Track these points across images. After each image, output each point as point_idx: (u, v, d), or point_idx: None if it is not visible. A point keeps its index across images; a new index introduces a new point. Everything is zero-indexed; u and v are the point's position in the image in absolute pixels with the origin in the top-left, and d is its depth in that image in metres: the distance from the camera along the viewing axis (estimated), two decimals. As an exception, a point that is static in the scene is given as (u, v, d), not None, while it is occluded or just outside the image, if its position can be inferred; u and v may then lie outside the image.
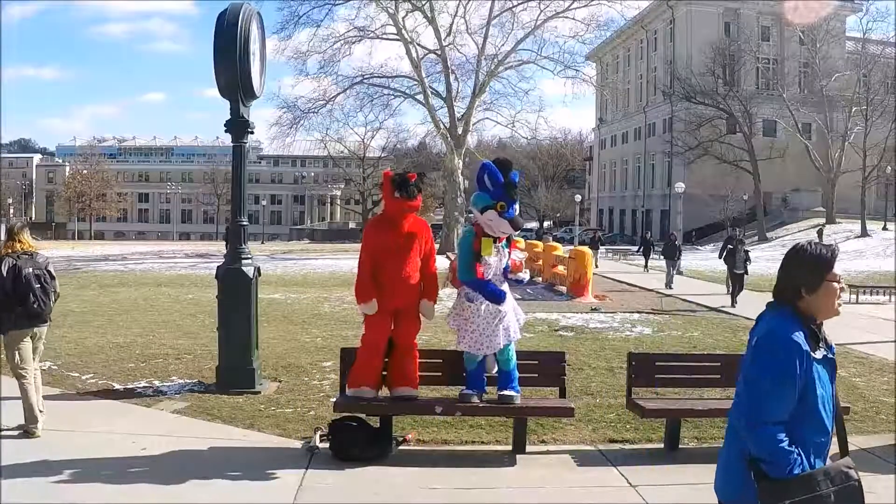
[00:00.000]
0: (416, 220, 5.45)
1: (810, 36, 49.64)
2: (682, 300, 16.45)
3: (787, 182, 51.91)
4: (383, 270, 5.30)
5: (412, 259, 5.35)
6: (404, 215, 5.35)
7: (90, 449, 5.20)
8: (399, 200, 5.29)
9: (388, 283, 5.28)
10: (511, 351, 5.37)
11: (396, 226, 5.35)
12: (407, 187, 5.26)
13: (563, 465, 5.32)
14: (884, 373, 8.53)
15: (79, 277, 20.28)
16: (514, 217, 5.18)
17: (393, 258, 5.30)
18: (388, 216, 5.45)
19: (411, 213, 5.40)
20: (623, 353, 7.34)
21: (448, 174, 35.66)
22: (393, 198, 5.30)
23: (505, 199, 5.14)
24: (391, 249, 5.31)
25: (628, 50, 66.57)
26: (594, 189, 76.61)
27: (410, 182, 5.29)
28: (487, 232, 5.23)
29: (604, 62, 64.54)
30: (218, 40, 6.71)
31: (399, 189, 5.26)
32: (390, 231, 5.34)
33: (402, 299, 5.31)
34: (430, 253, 5.51)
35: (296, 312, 12.89)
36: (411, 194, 5.29)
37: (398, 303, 5.31)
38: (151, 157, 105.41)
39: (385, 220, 5.49)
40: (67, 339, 9.46)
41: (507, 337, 5.28)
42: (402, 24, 33.69)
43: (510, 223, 5.15)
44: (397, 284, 5.28)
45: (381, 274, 5.31)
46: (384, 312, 5.31)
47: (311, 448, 5.31)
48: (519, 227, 5.30)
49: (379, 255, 5.34)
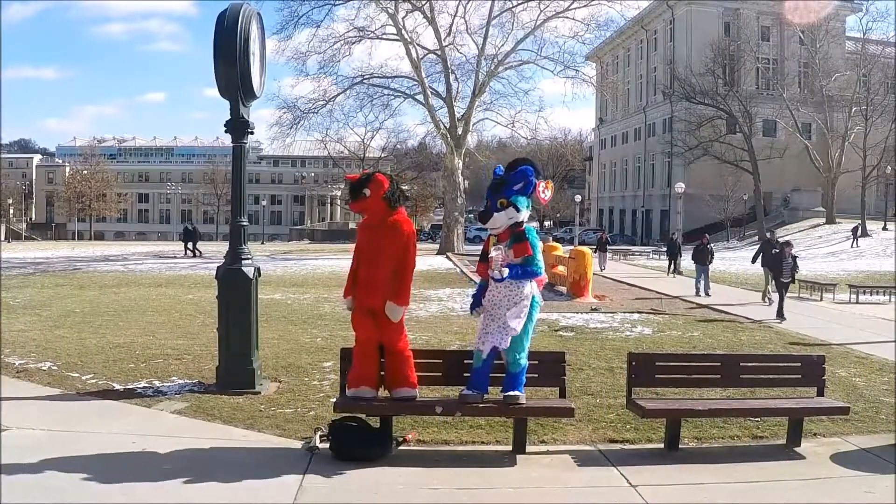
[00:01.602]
0: (392, 221, 5.43)
1: (810, 36, 49.71)
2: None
3: (787, 182, 51.96)
4: (359, 270, 5.48)
5: (383, 261, 5.37)
6: (378, 217, 5.44)
7: (90, 449, 5.20)
8: (351, 204, 5.61)
9: (362, 283, 5.42)
10: (516, 354, 5.33)
11: (371, 227, 5.47)
12: (350, 193, 5.54)
13: (563, 465, 5.32)
14: (884, 373, 8.53)
15: (79, 278, 20.26)
16: (483, 211, 5.40)
17: (365, 258, 5.45)
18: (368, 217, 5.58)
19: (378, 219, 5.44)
20: (623, 353, 7.35)
21: (448, 174, 35.63)
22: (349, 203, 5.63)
23: (489, 195, 5.39)
24: (364, 250, 5.48)
25: (628, 50, 66.61)
26: (594, 189, 76.65)
27: (351, 186, 5.52)
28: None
29: (604, 62, 64.57)
30: (218, 40, 6.71)
31: (349, 194, 5.58)
32: (365, 232, 5.52)
33: (374, 300, 5.37)
34: (406, 254, 5.44)
35: (296, 313, 12.89)
36: (353, 198, 5.50)
37: (371, 302, 5.38)
38: (151, 157, 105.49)
39: (366, 221, 5.61)
40: (67, 339, 9.46)
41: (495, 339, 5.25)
42: (401, 25, 33.67)
43: (479, 215, 5.41)
44: (369, 284, 5.38)
45: (358, 274, 5.48)
46: (363, 311, 5.42)
47: (311, 448, 5.31)
48: (484, 219, 5.39)
49: (358, 254, 5.53)
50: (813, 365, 6.11)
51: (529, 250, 5.23)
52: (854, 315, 14.51)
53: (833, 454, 5.65)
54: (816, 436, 6.10)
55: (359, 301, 5.44)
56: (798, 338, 11.20)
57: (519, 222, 5.35)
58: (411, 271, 5.52)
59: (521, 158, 5.56)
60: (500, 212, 5.28)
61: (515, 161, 5.49)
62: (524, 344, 5.37)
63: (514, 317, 5.24)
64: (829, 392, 6.50)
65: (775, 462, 5.46)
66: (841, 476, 5.21)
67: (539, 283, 5.55)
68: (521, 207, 5.31)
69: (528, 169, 5.35)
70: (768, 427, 6.18)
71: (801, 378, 6.16)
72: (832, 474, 5.25)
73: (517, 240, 5.27)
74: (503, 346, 5.27)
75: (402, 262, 5.41)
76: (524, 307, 5.32)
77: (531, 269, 5.27)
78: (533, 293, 5.41)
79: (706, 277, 18.12)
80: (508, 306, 5.26)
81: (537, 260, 5.30)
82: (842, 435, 6.14)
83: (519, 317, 5.26)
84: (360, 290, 5.42)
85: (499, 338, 5.23)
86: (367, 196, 5.39)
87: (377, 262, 5.38)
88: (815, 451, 5.72)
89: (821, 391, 6.13)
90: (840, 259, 32.69)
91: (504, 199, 5.26)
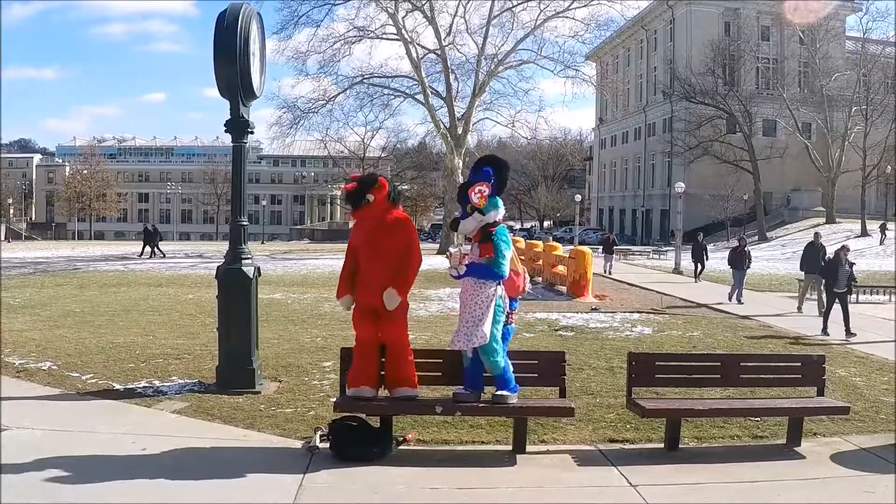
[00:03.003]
0: (394, 219, 5.46)
1: (810, 35, 49.68)
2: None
3: (787, 182, 51.98)
4: (359, 269, 5.44)
5: (385, 258, 5.37)
6: (375, 216, 5.42)
7: (90, 449, 5.20)
8: (350, 212, 5.58)
9: (364, 282, 5.39)
10: (489, 357, 5.27)
11: (370, 225, 5.43)
12: (350, 201, 5.49)
13: (563, 465, 5.32)
14: (884, 373, 8.53)
15: (79, 277, 20.27)
16: (453, 220, 5.47)
17: (366, 257, 5.41)
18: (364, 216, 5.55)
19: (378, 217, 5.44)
20: (623, 353, 7.34)
21: (448, 174, 35.64)
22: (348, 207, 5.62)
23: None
24: (364, 248, 5.43)
25: (628, 50, 66.60)
26: (594, 189, 76.65)
27: (350, 195, 5.46)
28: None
29: (604, 62, 64.56)
30: (218, 40, 6.71)
31: (346, 201, 5.57)
32: (363, 230, 5.44)
33: (377, 298, 5.34)
34: (410, 252, 5.46)
35: (296, 312, 12.89)
36: (353, 205, 5.48)
37: (374, 301, 5.36)
38: (151, 157, 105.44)
39: (362, 219, 5.55)
40: (67, 339, 9.46)
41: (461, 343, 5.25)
42: (401, 24, 33.66)
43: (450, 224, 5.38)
44: (371, 283, 5.35)
45: (358, 272, 5.45)
46: (364, 310, 5.41)
47: (311, 448, 5.31)
48: (453, 227, 5.49)
49: (356, 253, 5.48)
50: (813, 365, 6.11)
51: (492, 252, 5.21)
52: (854, 315, 14.47)
53: (833, 454, 5.65)
54: (816, 435, 6.10)
55: (360, 300, 5.43)
56: (798, 338, 11.21)
57: (492, 223, 5.32)
58: (416, 267, 5.51)
59: (485, 157, 5.56)
60: (466, 218, 5.32)
61: (480, 161, 5.50)
62: (493, 346, 5.26)
63: (477, 323, 5.19)
64: (829, 392, 6.50)
65: (775, 462, 5.46)
66: (841, 476, 5.21)
67: (513, 288, 5.54)
68: (486, 210, 5.27)
69: (487, 170, 5.35)
70: (768, 427, 6.18)
71: (802, 378, 6.16)
72: (832, 474, 5.24)
73: (483, 240, 5.28)
74: (468, 350, 5.31)
75: (405, 259, 5.41)
76: (487, 310, 5.23)
77: (493, 269, 5.23)
78: (499, 294, 5.35)
79: (741, 284, 16.63)
80: (471, 308, 5.24)
81: (500, 262, 5.23)
82: (842, 434, 6.14)
83: (482, 321, 5.19)
84: (362, 289, 5.41)
85: (465, 342, 5.24)
86: (370, 202, 5.38)
87: (378, 260, 5.37)
88: (815, 450, 5.72)
89: (821, 391, 6.13)
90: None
91: (469, 205, 5.28)
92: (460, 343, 5.25)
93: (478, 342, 5.19)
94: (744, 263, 17.00)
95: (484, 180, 5.30)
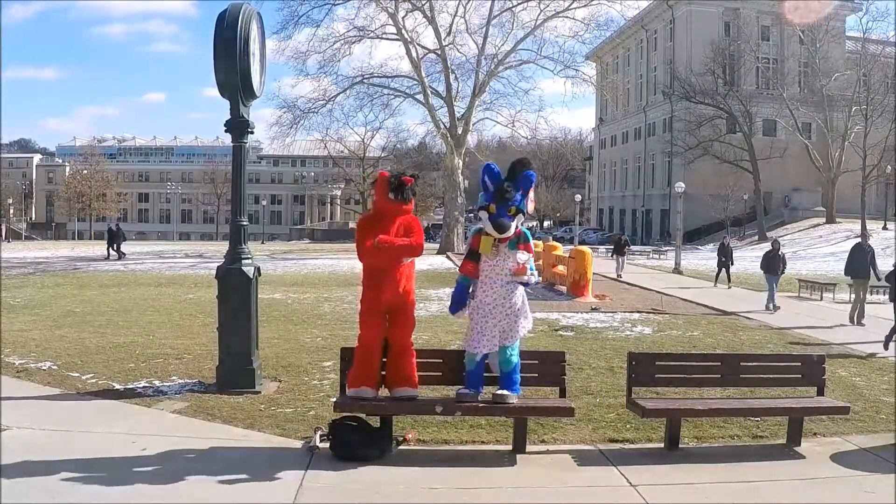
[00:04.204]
0: (405, 219, 5.47)
1: (810, 36, 49.69)
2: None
3: (787, 182, 51.94)
4: (375, 269, 5.38)
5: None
6: (395, 216, 5.40)
7: (90, 449, 5.20)
8: (394, 203, 5.38)
9: (379, 282, 5.35)
10: (510, 353, 5.35)
11: (388, 225, 5.38)
12: (402, 191, 5.36)
13: (563, 464, 5.32)
14: (884, 373, 8.54)
15: (79, 277, 20.28)
16: (497, 220, 5.21)
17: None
18: (380, 215, 5.48)
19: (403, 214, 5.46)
20: (623, 353, 7.34)
21: (448, 174, 35.64)
22: (387, 199, 5.37)
23: (496, 201, 5.24)
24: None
25: (628, 50, 66.58)
26: (594, 189, 76.64)
27: (406, 186, 5.36)
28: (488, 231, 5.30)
29: (604, 62, 64.47)
30: (218, 40, 6.71)
31: (395, 192, 5.35)
32: (381, 230, 5.36)
33: (393, 298, 5.34)
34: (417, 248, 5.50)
35: (296, 312, 12.88)
36: (406, 198, 5.39)
37: (390, 301, 5.35)
38: (151, 157, 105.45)
39: (377, 218, 5.50)
40: (67, 339, 9.46)
41: (501, 339, 5.30)
42: (402, 24, 33.65)
43: (493, 225, 5.20)
44: (387, 283, 5.33)
45: (372, 272, 5.40)
46: (376, 312, 5.39)
47: (312, 448, 5.31)
48: (502, 230, 5.22)
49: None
50: (813, 365, 6.11)
51: (532, 249, 5.43)
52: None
53: (833, 454, 5.65)
54: (816, 435, 6.10)
55: (376, 303, 5.37)
56: (798, 338, 11.21)
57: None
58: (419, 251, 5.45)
59: (521, 161, 5.54)
60: (511, 220, 5.28)
61: (516, 164, 5.45)
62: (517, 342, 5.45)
63: (523, 318, 5.42)
64: (829, 392, 6.50)
65: (775, 462, 5.46)
66: (841, 476, 5.21)
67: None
68: (525, 212, 5.39)
69: (532, 175, 5.40)
70: (768, 427, 6.18)
71: (802, 378, 6.16)
72: (832, 474, 5.25)
73: (524, 240, 5.39)
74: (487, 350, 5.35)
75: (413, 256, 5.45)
76: (525, 301, 5.47)
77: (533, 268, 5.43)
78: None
79: (775, 290, 15.32)
80: (510, 304, 5.33)
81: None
82: (842, 434, 6.14)
83: (527, 317, 5.46)
84: (376, 291, 5.35)
85: (511, 337, 5.32)
86: (413, 196, 5.44)
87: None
88: (815, 450, 5.72)
89: (821, 391, 6.13)
90: (840, 259, 32.57)
91: (514, 207, 5.27)
92: (509, 340, 5.31)
93: (527, 329, 5.43)
94: (778, 268, 15.59)
95: (531, 186, 5.39)
